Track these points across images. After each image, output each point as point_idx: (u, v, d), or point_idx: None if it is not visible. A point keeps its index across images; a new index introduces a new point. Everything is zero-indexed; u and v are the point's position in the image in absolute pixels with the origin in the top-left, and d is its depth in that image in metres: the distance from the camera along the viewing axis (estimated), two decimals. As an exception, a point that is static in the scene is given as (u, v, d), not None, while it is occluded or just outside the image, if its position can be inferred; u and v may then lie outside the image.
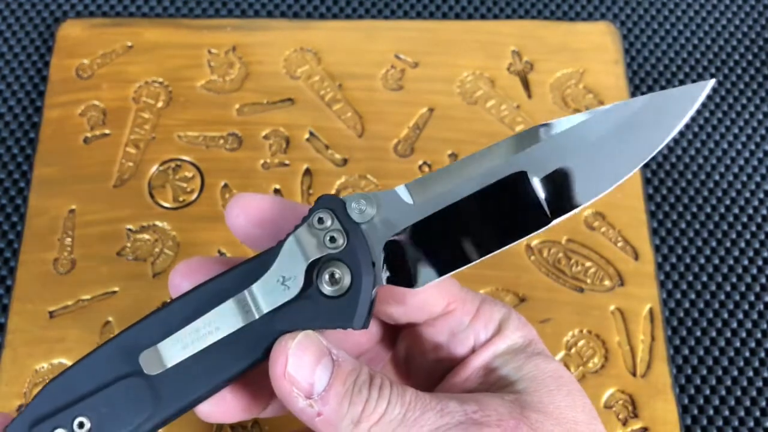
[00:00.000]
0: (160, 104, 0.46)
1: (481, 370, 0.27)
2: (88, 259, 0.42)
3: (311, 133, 0.45)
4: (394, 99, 0.46)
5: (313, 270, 0.24)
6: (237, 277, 0.25)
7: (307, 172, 0.44)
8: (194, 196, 0.44)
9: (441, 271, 0.24)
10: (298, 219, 0.25)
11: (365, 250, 0.24)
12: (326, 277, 0.24)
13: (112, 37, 0.47)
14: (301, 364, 0.23)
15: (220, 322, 0.24)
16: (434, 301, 0.27)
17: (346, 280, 0.24)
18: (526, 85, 0.47)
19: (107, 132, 0.45)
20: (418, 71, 0.47)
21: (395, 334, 0.30)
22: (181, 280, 0.27)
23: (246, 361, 0.24)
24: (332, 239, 0.24)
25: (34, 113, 0.46)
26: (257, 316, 0.24)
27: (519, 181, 0.24)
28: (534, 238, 0.43)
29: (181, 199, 0.44)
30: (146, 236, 0.42)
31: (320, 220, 0.24)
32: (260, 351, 0.24)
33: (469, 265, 0.24)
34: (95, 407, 0.24)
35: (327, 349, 0.24)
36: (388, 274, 0.24)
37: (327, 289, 0.24)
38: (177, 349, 0.24)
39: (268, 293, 0.24)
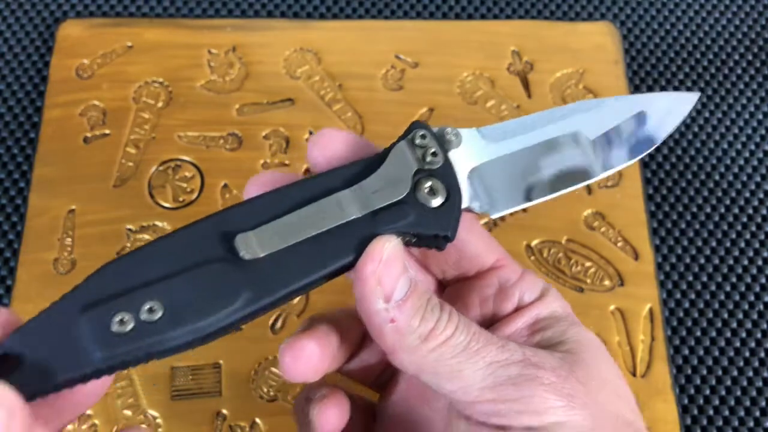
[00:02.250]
0: (160, 104, 0.46)
1: (525, 329, 0.27)
2: (88, 259, 0.42)
3: (311, 133, 0.45)
4: (394, 99, 0.46)
5: (413, 180, 0.25)
6: (338, 177, 0.25)
7: (307, 172, 0.44)
8: (194, 196, 0.44)
9: (508, 206, 0.27)
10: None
11: (455, 173, 0.26)
12: (425, 189, 0.25)
13: (112, 37, 0.47)
14: (391, 268, 0.24)
15: (320, 217, 0.24)
16: (486, 254, 0.29)
17: (442, 195, 0.25)
18: (526, 85, 0.47)
19: (107, 132, 0.45)
20: (418, 71, 0.47)
21: (440, 293, 0.31)
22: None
23: (342, 258, 0.24)
24: (434, 154, 0.25)
25: (34, 113, 0.46)
26: (359, 215, 0.24)
27: (574, 138, 0.27)
28: (534, 238, 0.43)
29: (181, 199, 0.44)
30: (146, 236, 0.42)
31: (422, 137, 0.26)
32: (358, 249, 0.24)
33: (531, 203, 0.27)
34: (169, 292, 0.22)
35: (407, 266, 0.24)
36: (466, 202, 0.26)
37: (426, 198, 0.25)
38: (273, 238, 0.23)
39: (373, 193, 0.24)
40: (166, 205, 0.43)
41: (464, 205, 0.26)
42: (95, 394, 0.23)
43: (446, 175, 0.25)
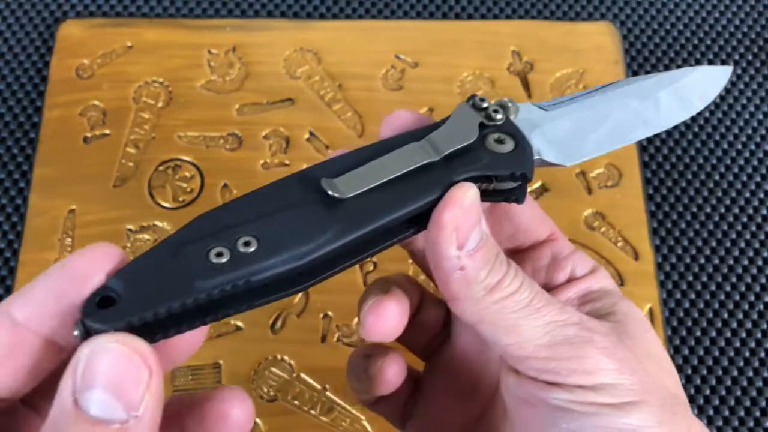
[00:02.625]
0: (160, 104, 0.46)
1: (576, 299, 0.28)
2: (88, 259, 0.42)
3: (311, 133, 0.45)
4: (394, 99, 0.46)
5: (480, 135, 0.26)
6: (409, 137, 0.26)
7: (307, 172, 0.44)
8: (194, 196, 0.44)
9: (580, 156, 0.28)
10: None
11: (520, 130, 0.27)
12: (493, 138, 0.26)
13: (112, 37, 0.47)
14: (468, 216, 0.24)
15: (399, 162, 0.25)
16: (540, 228, 0.30)
17: (511, 143, 0.26)
18: (526, 85, 0.47)
19: (107, 132, 0.45)
20: (418, 71, 0.47)
21: None
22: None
23: (424, 198, 0.24)
24: (496, 111, 0.26)
25: (34, 113, 0.46)
26: (436, 158, 0.25)
27: (629, 95, 0.29)
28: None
29: (181, 199, 0.44)
30: (146, 236, 0.42)
31: (482, 100, 0.27)
32: (438, 190, 0.25)
33: (602, 152, 0.28)
34: (263, 228, 0.23)
35: (481, 218, 0.25)
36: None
37: (495, 146, 0.26)
38: (358, 180, 0.24)
39: (446, 139, 0.25)
40: (166, 205, 0.43)
41: (536, 156, 0.27)
42: (193, 342, 0.24)
43: (511, 128, 0.26)
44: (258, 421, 0.39)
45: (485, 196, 0.26)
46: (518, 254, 0.30)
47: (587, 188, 0.44)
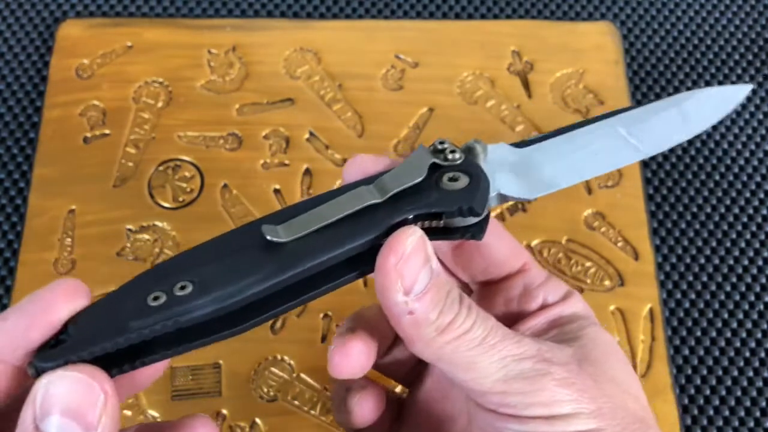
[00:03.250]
0: (160, 104, 0.46)
1: (546, 324, 0.29)
2: (88, 259, 0.42)
3: (311, 133, 0.45)
4: (394, 99, 0.46)
5: (434, 175, 0.26)
6: (362, 182, 0.26)
7: (307, 172, 0.44)
8: (194, 195, 0.44)
9: (545, 189, 0.28)
10: None
11: (479, 166, 0.27)
12: (446, 177, 0.26)
13: (111, 37, 0.47)
14: (412, 261, 0.24)
15: (341, 206, 0.25)
16: (513, 259, 0.30)
17: (464, 181, 0.26)
18: (526, 85, 0.47)
19: (107, 132, 0.45)
20: (418, 71, 0.47)
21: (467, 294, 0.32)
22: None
23: (362, 238, 0.24)
24: (453, 151, 0.27)
25: (33, 113, 0.46)
26: (380, 200, 0.25)
27: (607, 127, 0.29)
28: (534, 238, 0.43)
29: (181, 199, 0.44)
30: (146, 236, 0.42)
31: (441, 142, 0.27)
32: (378, 229, 0.25)
33: (568, 185, 0.28)
34: (203, 272, 0.24)
35: (431, 256, 0.25)
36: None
37: (448, 185, 0.26)
38: (299, 226, 0.24)
39: (394, 180, 0.25)
40: (166, 205, 0.43)
41: (497, 191, 0.27)
42: (151, 375, 0.27)
43: (469, 165, 0.26)
44: (258, 421, 0.39)
45: (440, 234, 0.26)
46: (490, 286, 0.30)
47: (587, 188, 0.44)
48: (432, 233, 0.25)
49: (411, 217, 0.25)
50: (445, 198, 0.25)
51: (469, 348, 0.25)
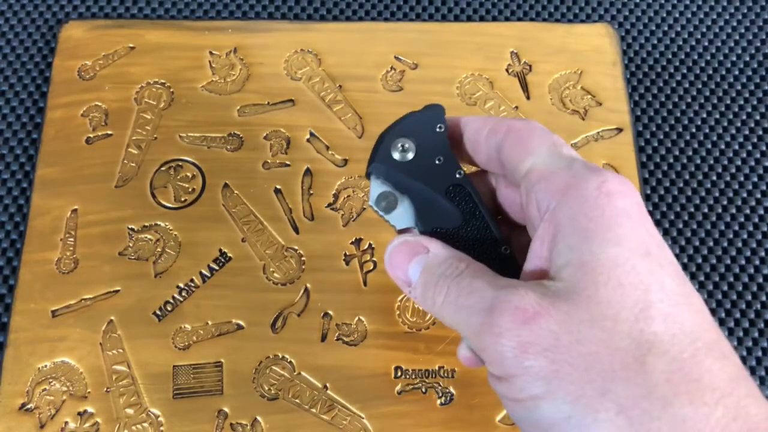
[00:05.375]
0: (161, 105, 0.46)
1: (549, 231, 0.26)
2: (90, 259, 0.42)
3: (312, 134, 0.46)
4: (394, 100, 0.47)
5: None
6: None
7: (308, 172, 0.45)
8: (196, 195, 0.44)
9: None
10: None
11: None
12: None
13: (114, 38, 0.48)
14: (395, 264, 0.30)
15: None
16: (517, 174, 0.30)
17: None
18: (524, 86, 0.48)
19: (109, 132, 0.45)
20: (417, 72, 0.48)
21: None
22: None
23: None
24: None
25: (36, 114, 0.47)
26: None
27: None
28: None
29: (182, 199, 0.44)
30: (148, 236, 0.43)
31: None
32: None
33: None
34: None
35: (423, 247, 0.29)
36: None
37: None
38: None
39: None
40: (168, 205, 0.44)
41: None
42: None
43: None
44: (259, 419, 0.39)
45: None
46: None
47: (585, 188, 0.45)
48: None
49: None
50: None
51: (450, 308, 0.27)
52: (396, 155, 0.31)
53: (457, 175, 0.31)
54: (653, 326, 0.22)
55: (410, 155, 0.31)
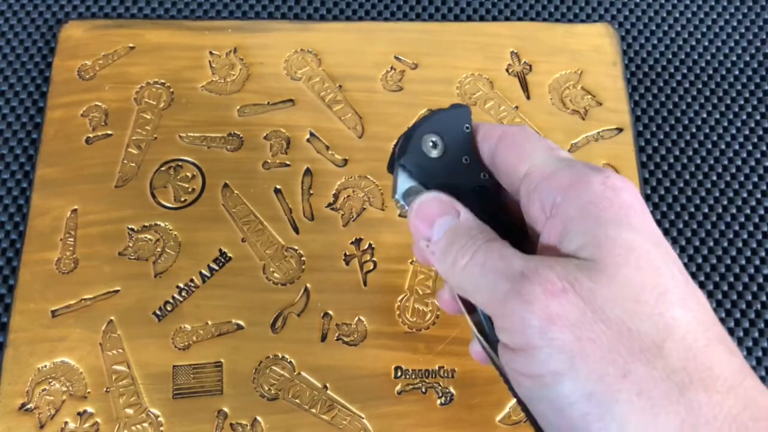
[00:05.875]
0: (161, 105, 0.46)
1: (558, 229, 0.26)
2: (90, 259, 0.42)
3: (312, 134, 0.46)
4: (394, 100, 0.47)
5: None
6: None
7: (308, 172, 0.45)
8: (195, 195, 0.44)
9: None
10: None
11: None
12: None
13: (113, 38, 0.48)
14: (422, 215, 0.29)
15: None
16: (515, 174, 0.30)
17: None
18: (524, 86, 0.48)
19: (109, 132, 0.45)
20: (417, 72, 0.48)
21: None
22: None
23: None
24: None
25: (36, 114, 0.47)
26: None
27: None
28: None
29: (182, 199, 0.44)
30: (148, 236, 0.43)
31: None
32: None
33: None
34: None
35: (454, 209, 0.28)
36: None
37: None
38: None
39: None
40: (168, 205, 0.44)
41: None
42: None
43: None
44: (259, 419, 0.39)
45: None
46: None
47: (585, 188, 0.45)
48: None
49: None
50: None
51: (473, 273, 0.26)
52: (425, 150, 0.31)
53: (483, 176, 0.30)
54: (672, 311, 0.23)
55: (438, 152, 0.31)
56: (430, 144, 0.30)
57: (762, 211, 0.46)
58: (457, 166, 0.30)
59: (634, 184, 0.44)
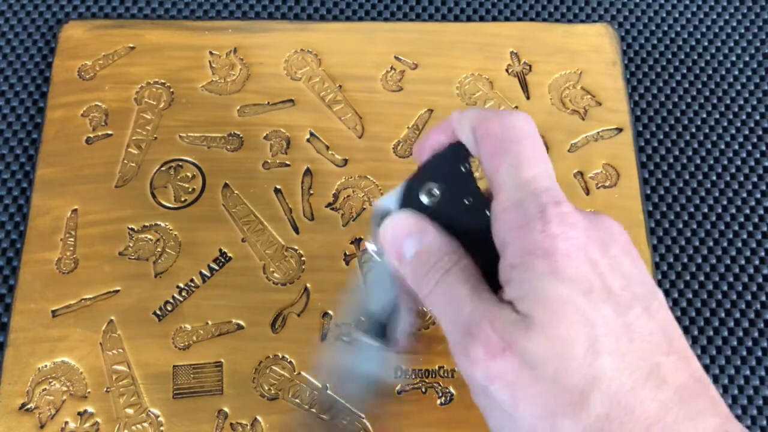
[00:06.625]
0: (161, 105, 0.46)
1: (507, 274, 0.27)
2: (90, 259, 0.42)
3: (312, 134, 0.46)
4: (394, 100, 0.47)
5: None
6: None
7: (308, 172, 0.45)
8: (196, 195, 0.44)
9: None
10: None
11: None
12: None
13: (114, 38, 0.48)
14: (390, 235, 0.29)
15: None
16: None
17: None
18: (524, 86, 0.48)
19: (110, 132, 0.45)
20: (417, 72, 0.48)
21: None
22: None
23: None
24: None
25: (36, 114, 0.47)
26: None
27: None
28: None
29: (182, 199, 0.44)
30: (148, 236, 0.43)
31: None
32: None
33: None
34: None
35: (423, 228, 0.29)
36: None
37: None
38: None
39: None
40: (168, 205, 0.44)
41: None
42: None
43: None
44: (259, 418, 0.39)
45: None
46: None
47: (585, 188, 0.45)
48: None
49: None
50: None
51: (439, 303, 0.28)
52: (424, 199, 0.30)
53: (487, 213, 0.29)
54: (600, 359, 0.24)
55: (438, 199, 0.30)
56: (428, 192, 0.30)
57: (762, 211, 0.46)
58: (459, 208, 0.30)
59: (633, 183, 0.44)
